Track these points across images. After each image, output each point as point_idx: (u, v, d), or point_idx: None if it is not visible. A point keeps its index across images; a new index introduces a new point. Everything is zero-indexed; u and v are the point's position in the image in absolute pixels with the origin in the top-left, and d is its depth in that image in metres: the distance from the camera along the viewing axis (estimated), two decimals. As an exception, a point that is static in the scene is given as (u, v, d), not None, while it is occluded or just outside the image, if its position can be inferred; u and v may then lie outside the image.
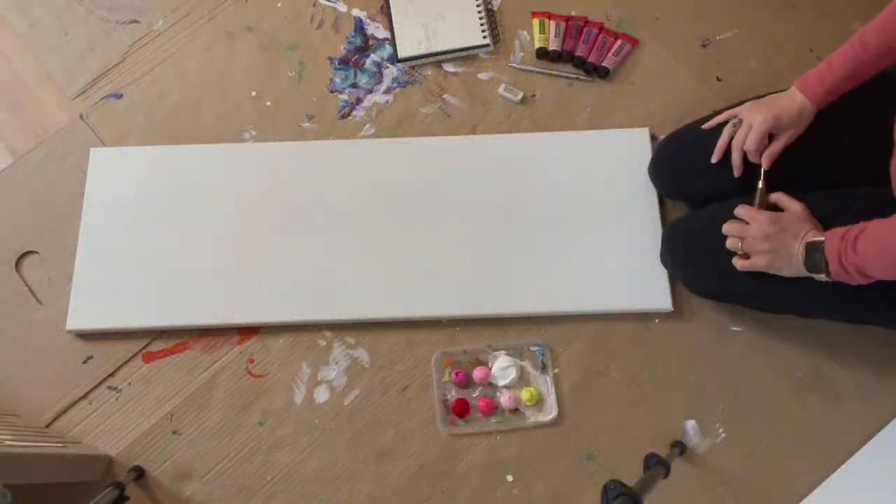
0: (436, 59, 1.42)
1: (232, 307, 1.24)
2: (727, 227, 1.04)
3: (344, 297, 1.23)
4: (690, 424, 1.17)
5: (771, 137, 1.06)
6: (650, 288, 1.22)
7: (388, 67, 1.42)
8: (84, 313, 1.24)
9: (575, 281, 1.23)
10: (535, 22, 1.43)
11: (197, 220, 1.29)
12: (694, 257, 1.14)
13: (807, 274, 0.96)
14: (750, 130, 1.05)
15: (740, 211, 1.03)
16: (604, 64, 1.38)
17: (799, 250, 0.95)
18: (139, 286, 1.25)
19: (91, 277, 1.26)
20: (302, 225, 1.28)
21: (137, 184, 1.32)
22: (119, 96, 1.42)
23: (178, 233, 1.29)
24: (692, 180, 1.13)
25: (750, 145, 1.05)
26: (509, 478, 1.16)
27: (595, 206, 1.27)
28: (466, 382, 1.20)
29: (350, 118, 1.39)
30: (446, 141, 1.35)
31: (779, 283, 1.01)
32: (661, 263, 1.22)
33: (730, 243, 1.03)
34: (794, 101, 1.03)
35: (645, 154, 1.30)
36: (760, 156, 1.06)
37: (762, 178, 1.06)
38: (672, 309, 1.21)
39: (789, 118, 1.03)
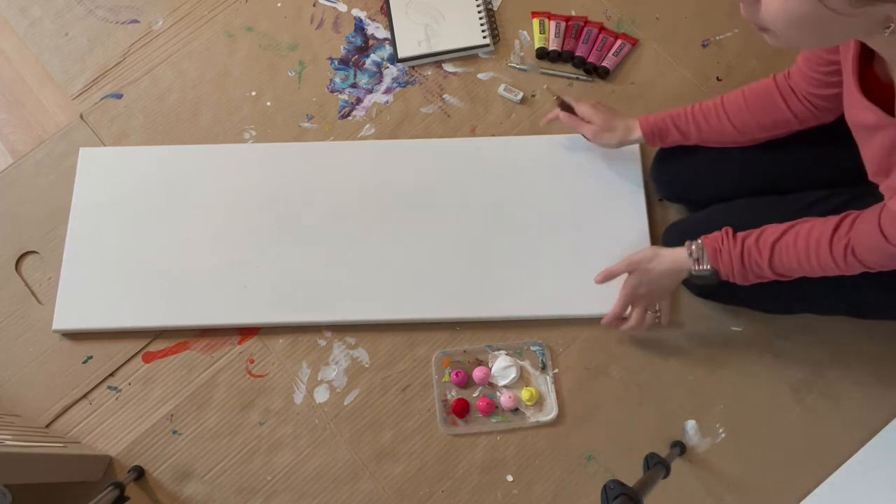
0: (436, 59, 1.42)
1: (232, 307, 1.24)
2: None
3: (344, 299, 1.23)
4: (690, 424, 1.17)
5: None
6: None
7: (388, 67, 1.42)
8: (77, 313, 1.24)
9: (571, 284, 1.23)
10: (535, 22, 1.43)
11: (198, 219, 1.29)
12: None
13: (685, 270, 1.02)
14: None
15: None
16: (604, 64, 1.38)
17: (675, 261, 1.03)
18: (140, 286, 1.25)
19: (87, 278, 1.26)
20: (303, 226, 1.28)
21: (136, 183, 1.32)
22: (119, 96, 1.42)
23: (179, 233, 1.28)
24: (693, 183, 1.13)
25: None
26: (509, 478, 1.16)
27: (586, 210, 1.27)
28: (466, 382, 1.20)
29: (350, 118, 1.39)
30: (445, 142, 1.35)
31: (778, 285, 1.01)
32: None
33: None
34: (628, 125, 1.16)
35: (634, 157, 1.30)
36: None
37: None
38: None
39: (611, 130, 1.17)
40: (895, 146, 0.78)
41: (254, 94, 1.41)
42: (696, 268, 0.99)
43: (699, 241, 1.00)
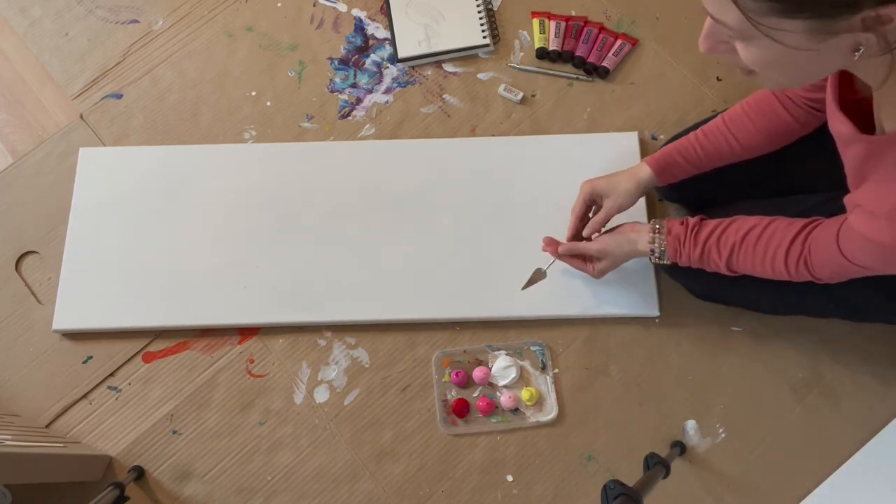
0: (436, 59, 1.42)
1: (232, 307, 1.24)
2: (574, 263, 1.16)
3: (344, 299, 1.23)
4: (690, 424, 1.17)
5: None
6: (638, 293, 1.21)
7: (388, 67, 1.42)
8: (77, 313, 1.24)
9: (571, 284, 1.23)
10: (535, 22, 1.43)
11: (198, 219, 1.29)
12: None
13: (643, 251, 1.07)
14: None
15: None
16: (604, 64, 1.38)
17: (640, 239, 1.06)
18: (140, 286, 1.25)
19: (87, 278, 1.26)
20: (303, 226, 1.28)
21: (136, 183, 1.32)
22: (119, 96, 1.42)
23: (179, 233, 1.29)
24: (694, 183, 1.13)
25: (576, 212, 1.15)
26: (509, 478, 1.16)
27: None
28: (466, 382, 1.20)
29: (350, 118, 1.39)
30: (445, 142, 1.35)
31: (779, 286, 1.01)
32: (654, 270, 1.22)
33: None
34: (626, 173, 1.12)
35: (634, 158, 1.30)
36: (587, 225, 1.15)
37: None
38: (658, 314, 1.21)
39: (604, 189, 1.11)
40: (864, 161, 0.79)
41: (254, 94, 1.41)
42: (656, 260, 1.06)
43: (663, 233, 1.04)
